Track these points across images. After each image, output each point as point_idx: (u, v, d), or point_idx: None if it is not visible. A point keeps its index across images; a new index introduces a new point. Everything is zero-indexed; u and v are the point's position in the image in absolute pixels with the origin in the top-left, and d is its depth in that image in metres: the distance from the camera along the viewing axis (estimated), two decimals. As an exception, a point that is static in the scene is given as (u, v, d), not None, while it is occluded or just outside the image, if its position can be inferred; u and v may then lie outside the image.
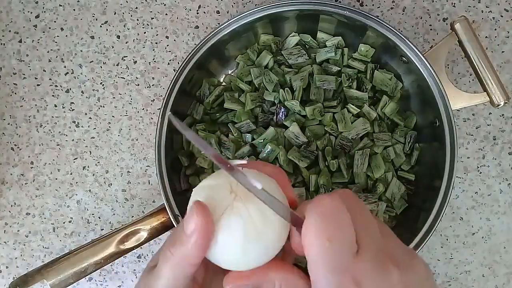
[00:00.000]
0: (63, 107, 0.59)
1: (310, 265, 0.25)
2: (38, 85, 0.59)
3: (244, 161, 0.29)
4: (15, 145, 0.59)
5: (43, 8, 0.60)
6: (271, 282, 0.27)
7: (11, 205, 0.58)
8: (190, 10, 0.60)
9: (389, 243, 0.27)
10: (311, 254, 0.25)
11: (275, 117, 0.51)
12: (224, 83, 0.56)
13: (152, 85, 0.59)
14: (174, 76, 0.49)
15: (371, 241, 0.26)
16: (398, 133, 0.52)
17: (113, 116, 0.59)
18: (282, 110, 0.51)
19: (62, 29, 0.60)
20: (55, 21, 0.60)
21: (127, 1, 0.60)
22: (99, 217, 0.58)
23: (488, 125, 0.57)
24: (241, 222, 0.26)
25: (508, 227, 0.56)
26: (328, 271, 0.24)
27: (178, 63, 0.59)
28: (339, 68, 0.53)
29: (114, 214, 0.58)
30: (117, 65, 0.59)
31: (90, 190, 0.58)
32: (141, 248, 0.47)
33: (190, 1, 0.60)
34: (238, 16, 0.49)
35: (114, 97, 0.59)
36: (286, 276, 0.27)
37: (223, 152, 0.51)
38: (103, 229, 0.58)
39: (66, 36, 0.60)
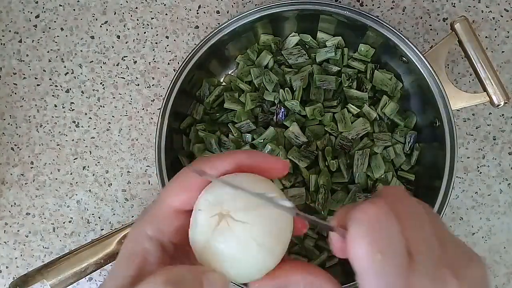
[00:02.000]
0: (63, 107, 0.59)
1: (360, 276, 0.23)
2: (38, 85, 0.59)
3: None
4: (15, 145, 0.59)
5: (43, 8, 0.60)
6: (296, 284, 0.26)
7: (11, 205, 0.58)
8: (190, 10, 0.60)
9: (447, 250, 0.25)
10: (361, 267, 0.23)
11: (275, 117, 0.51)
12: (224, 83, 0.56)
13: (152, 85, 0.59)
14: (174, 76, 0.49)
15: (426, 251, 0.24)
16: (398, 133, 0.52)
17: (113, 116, 0.59)
18: (282, 110, 0.51)
19: (62, 29, 0.60)
20: (55, 21, 0.60)
21: (127, 1, 0.60)
22: (99, 217, 0.58)
23: (488, 125, 0.57)
24: (240, 236, 0.24)
25: (508, 227, 0.56)
26: (381, 285, 0.23)
27: (178, 63, 0.59)
28: (339, 68, 0.53)
29: (114, 214, 0.58)
30: (117, 65, 0.59)
31: (90, 190, 0.58)
32: (141, 248, 0.47)
33: (190, 1, 0.60)
34: (238, 16, 0.49)
35: (114, 97, 0.59)
36: (311, 279, 0.26)
37: (223, 152, 0.51)
38: (103, 229, 0.58)
39: (66, 36, 0.60)
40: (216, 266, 0.25)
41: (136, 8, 0.60)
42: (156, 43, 0.59)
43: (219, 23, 0.56)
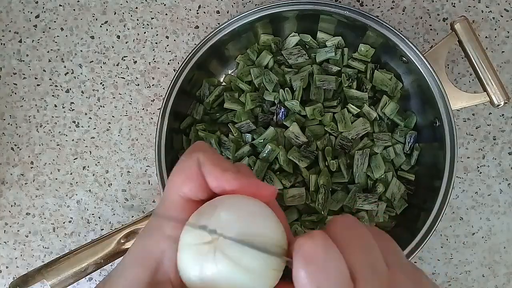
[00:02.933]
0: (63, 107, 0.59)
1: None
2: (38, 85, 0.59)
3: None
4: (15, 145, 0.59)
5: (43, 8, 0.60)
6: None
7: (11, 205, 0.58)
8: (190, 10, 0.60)
9: (396, 274, 0.25)
10: None
11: (275, 117, 0.51)
12: (224, 83, 0.56)
13: (152, 85, 0.59)
14: (174, 76, 0.49)
15: (370, 276, 0.23)
16: (398, 133, 0.52)
17: (113, 116, 0.59)
18: (282, 110, 0.51)
19: (62, 29, 0.60)
20: (55, 21, 0.60)
21: (127, 1, 0.60)
22: (99, 217, 0.58)
23: (488, 125, 0.57)
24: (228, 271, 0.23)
25: (508, 227, 0.56)
26: None
27: (178, 63, 0.59)
28: (339, 68, 0.53)
29: (114, 214, 0.58)
30: (117, 65, 0.59)
31: (90, 190, 0.58)
32: (141, 248, 0.47)
33: (190, 1, 0.60)
34: (238, 16, 0.49)
35: (114, 97, 0.59)
36: None
37: (223, 152, 0.51)
38: (103, 229, 0.58)
39: (66, 36, 0.60)
40: None
41: (136, 8, 0.60)
42: (156, 43, 0.59)
43: (219, 23, 0.56)
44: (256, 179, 0.26)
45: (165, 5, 0.60)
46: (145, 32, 0.60)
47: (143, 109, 0.59)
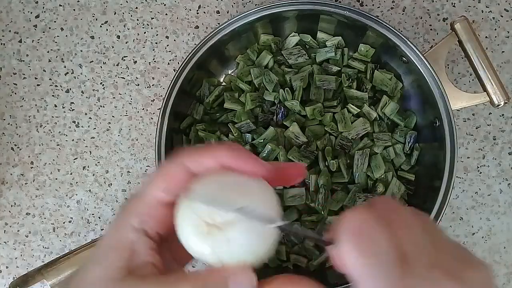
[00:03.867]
0: (63, 107, 0.59)
1: (357, 285, 0.23)
2: (38, 85, 0.59)
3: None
4: (15, 145, 0.59)
5: (43, 8, 0.60)
6: None
7: (11, 205, 0.58)
8: (190, 10, 0.60)
9: (443, 253, 0.25)
10: (355, 274, 0.23)
11: (275, 117, 0.51)
12: (224, 83, 0.56)
13: (152, 85, 0.59)
14: (174, 76, 0.49)
15: (418, 254, 0.24)
16: (398, 133, 0.52)
17: (113, 116, 0.59)
18: (282, 110, 0.51)
19: (62, 29, 0.60)
20: (55, 21, 0.60)
21: (127, 1, 0.60)
22: (99, 217, 0.58)
23: (488, 125, 0.57)
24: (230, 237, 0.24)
25: (508, 227, 0.56)
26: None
27: (178, 63, 0.59)
28: (339, 68, 0.53)
29: (114, 214, 0.58)
30: (117, 65, 0.59)
31: (90, 190, 0.58)
32: (141, 248, 0.47)
33: (190, 1, 0.60)
34: (238, 16, 0.49)
35: (114, 97, 0.59)
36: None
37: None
38: (103, 229, 0.58)
39: (66, 36, 0.60)
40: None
41: (136, 8, 0.60)
42: (156, 43, 0.59)
43: (219, 23, 0.56)
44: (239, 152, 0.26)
45: (165, 5, 0.60)
46: (145, 32, 0.60)
47: (143, 109, 0.59)
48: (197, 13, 0.60)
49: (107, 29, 0.60)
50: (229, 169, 0.25)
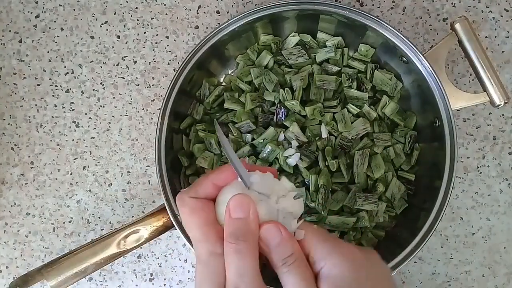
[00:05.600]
0: (63, 107, 0.59)
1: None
2: (38, 85, 0.59)
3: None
4: (15, 145, 0.59)
5: (43, 8, 0.60)
6: None
7: (11, 205, 0.58)
8: (190, 10, 0.60)
9: None
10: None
11: (275, 117, 0.51)
12: (224, 83, 0.56)
13: (152, 85, 0.59)
14: (174, 76, 0.49)
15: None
16: (398, 133, 0.52)
17: (113, 116, 0.59)
18: (282, 110, 0.51)
19: (62, 29, 0.60)
20: (55, 21, 0.60)
21: (127, 1, 0.60)
22: (99, 217, 0.58)
23: (488, 125, 0.57)
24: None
25: (508, 227, 0.56)
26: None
27: (178, 63, 0.59)
28: (339, 68, 0.53)
29: (114, 214, 0.58)
30: (117, 65, 0.59)
31: (90, 190, 0.58)
32: (141, 248, 0.47)
33: (190, 1, 0.60)
34: (238, 16, 0.49)
35: (114, 97, 0.59)
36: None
37: (222, 152, 0.51)
38: (103, 229, 0.58)
39: (66, 36, 0.60)
40: None
41: (136, 8, 0.60)
42: (156, 43, 0.59)
43: (219, 23, 0.56)
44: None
45: (165, 5, 0.60)
46: (145, 32, 0.60)
47: (143, 109, 0.59)
48: (197, 13, 0.60)
49: (107, 29, 0.60)
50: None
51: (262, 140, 0.50)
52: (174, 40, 0.59)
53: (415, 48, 0.48)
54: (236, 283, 0.30)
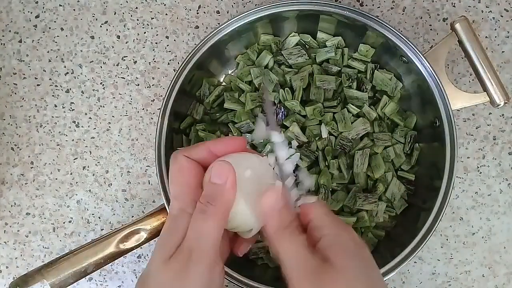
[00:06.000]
0: (63, 107, 0.59)
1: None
2: (38, 85, 0.59)
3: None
4: (15, 145, 0.59)
5: (43, 8, 0.60)
6: None
7: (11, 205, 0.58)
8: (190, 10, 0.60)
9: None
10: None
11: (275, 117, 0.51)
12: (224, 83, 0.56)
13: (152, 85, 0.59)
14: (174, 76, 0.49)
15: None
16: (398, 133, 0.52)
17: (113, 116, 0.59)
18: (282, 110, 0.51)
19: (62, 29, 0.60)
20: (55, 21, 0.60)
21: (127, 1, 0.60)
22: (99, 217, 0.58)
23: (488, 125, 0.57)
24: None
25: (508, 227, 0.56)
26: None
27: (178, 63, 0.59)
28: (339, 68, 0.53)
29: (114, 214, 0.58)
30: (117, 65, 0.59)
31: (90, 190, 0.58)
32: (141, 248, 0.47)
33: (190, 1, 0.60)
34: (238, 16, 0.49)
35: (114, 97, 0.59)
36: None
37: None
38: (103, 229, 0.58)
39: (66, 36, 0.60)
40: None
41: (136, 8, 0.60)
42: (156, 43, 0.59)
43: (219, 23, 0.56)
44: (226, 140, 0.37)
45: (165, 5, 0.60)
46: (145, 32, 0.60)
47: (143, 109, 0.59)
48: (197, 13, 0.60)
49: (107, 29, 0.60)
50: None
51: (262, 140, 0.50)
52: (174, 40, 0.59)
53: (415, 48, 0.48)
54: (191, 243, 0.31)
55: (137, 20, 0.60)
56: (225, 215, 0.32)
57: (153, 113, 0.59)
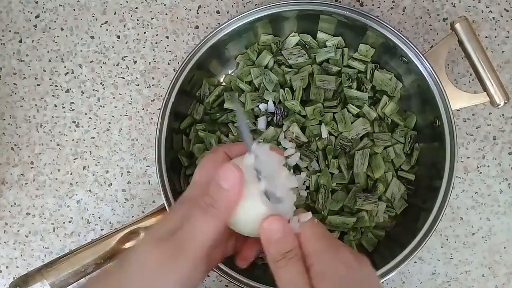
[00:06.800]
0: (63, 107, 0.59)
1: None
2: (38, 85, 0.59)
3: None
4: (15, 145, 0.59)
5: (43, 8, 0.60)
6: None
7: (11, 205, 0.58)
8: (190, 10, 0.60)
9: None
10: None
11: (275, 117, 0.51)
12: (224, 83, 0.56)
13: (152, 85, 0.59)
14: (174, 76, 0.49)
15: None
16: (398, 133, 0.52)
17: (113, 116, 0.59)
18: (282, 110, 0.51)
19: (62, 29, 0.60)
20: (55, 21, 0.60)
21: (127, 1, 0.60)
22: (99, 217, 0.58)
23: (488, 125, 0.57)
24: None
25: (508, 227, 0.56)
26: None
27: (178, 63, 0.59)
28: (339, 68, 0.53)
29: (114, 214, 0.58)
30: (117, 65, 0.59)
31: (90, 190, 0.58)
32: (141, 248, 0.47)
33: (190, 1, 0.60)
34: (238, 16, 0.49)
35: (114, 97, 0.59)
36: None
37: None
38: (103, 229, 0.58)
39: (66, 36, 0.60)
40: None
41: (136, 8, 0.60)
42: (156, 43, 0.59)
43: (219, 23, 0.56)
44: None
45: (165, 5, 0.60)
46: (145, 32, 0.60)
47: (143, 109, 0.59)
48: (197, 13, 0.60)
49: (107, 29, 0.60)
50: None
51: (262, 140, 0.50)
52: (174, 40, 0.59)
53: (415, 48, 0.48)
54: (185, 236, 0.31)
55: (137, 20, 0.60)
56: (224, 220, 0.32)
57: (153, 113, 0.59)
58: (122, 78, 0.59)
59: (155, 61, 0.59)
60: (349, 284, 0.31)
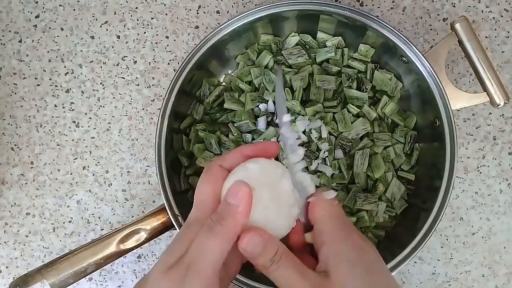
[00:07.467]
0: (63, 107, 0.59)
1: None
2: (38, 85, 0.59)
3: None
4: (15, 145, 0.59)
5: (43, 8, 0.60)
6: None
7: (11, 205, 0.58)
8: (190, 10, 0.60)
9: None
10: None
11: (275, 117, 0.51)
12: (224, 83, 0.56)
13: (152, 85, 0.59)
14: (174, 76, 0.49)
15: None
16: (398, 133, 0.52)
17: (113, 116, 0.59)
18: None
19: (62, 29, 0.60)
20: (55, 21, 0.60)
21: (127, 1, 0.60)
22: (99, 217, 0.58)
23: (488, 125, 0.57)
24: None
25: (508, 227, 0.56)
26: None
27: (178, 63, 0.59)
28: (339, 68, 0.53)
29: (114, 214, 0.58)
30: (117, 65, 0.59)
31: (90, 190, 0.58)
32: (141, 248, 0.47)
33: (190, 1, 0.60)
34: (238, 16, 0.49)
35: (114, 97, 0.59)
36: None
37: (223, 152, 0.51)
38: (103, 229, 0.58)
39: (66, 36, 0.60)
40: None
41: (136, 8, 0.60)
42: (156, 43, 0.59)
43: (219, 23, 0.56)
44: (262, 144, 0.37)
45: (165, 5, 0.60)
46: (145, 32, 0.60)
47: (143, 109, 0.59)
48: (197, 13, 0.60)
49: (107, 29, 0.60)
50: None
51: (262, 140, 0.50)
52: (174, 40, 0.59)
53: (415, 48, 0.48)
54: (192, 258, 0.31)
55: (137, 20, 0.60)
56: (232, 237, 0.32)
57: (153, 113, 0.59)
58: (122, 78, 0.59)
59: (155, 61, 0.59)
60: (360, 264, 0.31)
